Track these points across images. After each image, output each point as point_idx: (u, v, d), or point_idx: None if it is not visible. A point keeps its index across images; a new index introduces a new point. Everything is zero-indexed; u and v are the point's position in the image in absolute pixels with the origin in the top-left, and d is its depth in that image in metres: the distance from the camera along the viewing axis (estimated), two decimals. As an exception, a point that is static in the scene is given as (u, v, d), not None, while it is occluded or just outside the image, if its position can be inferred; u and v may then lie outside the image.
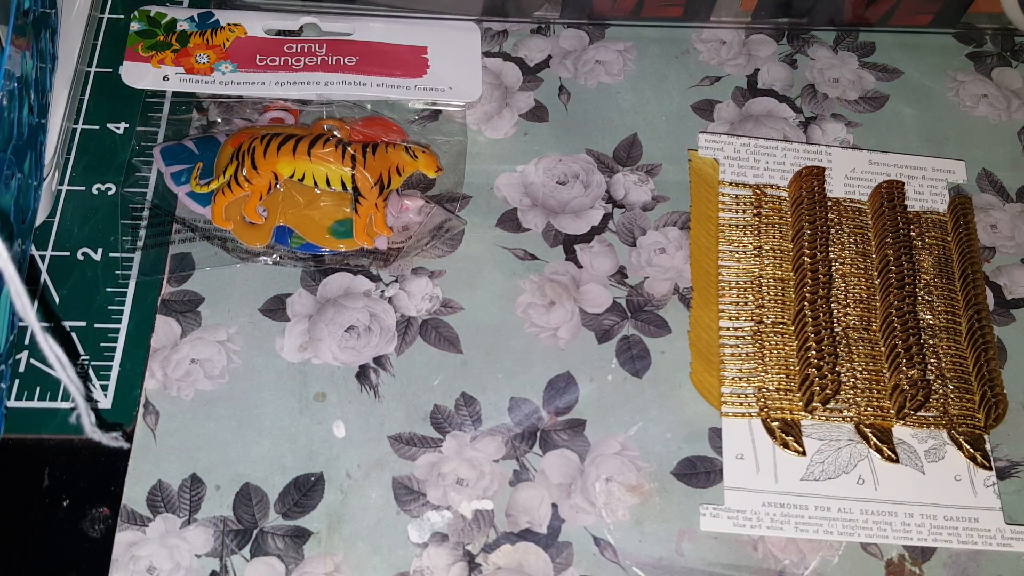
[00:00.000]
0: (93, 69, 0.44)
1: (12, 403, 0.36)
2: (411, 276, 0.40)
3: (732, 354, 0.38)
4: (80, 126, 0.42)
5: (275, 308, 0.39)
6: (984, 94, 0.46)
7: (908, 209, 0.41)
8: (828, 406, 0.37)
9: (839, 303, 0.39)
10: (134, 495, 0.35)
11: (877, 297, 0.39)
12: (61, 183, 0.41)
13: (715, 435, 0.37)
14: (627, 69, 0.46)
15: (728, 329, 0.39)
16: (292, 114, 0.42)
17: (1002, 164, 0.44)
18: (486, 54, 0.45)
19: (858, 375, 0.38)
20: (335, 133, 0.41)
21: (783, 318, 0.39)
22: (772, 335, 0.39)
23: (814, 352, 0.37)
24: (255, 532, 0.35)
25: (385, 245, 0.40)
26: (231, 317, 0.38)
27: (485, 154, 0.43)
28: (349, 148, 0.39)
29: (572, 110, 0.44)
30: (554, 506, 0.36)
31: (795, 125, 0.44)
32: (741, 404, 0.37)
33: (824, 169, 0.42)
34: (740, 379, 0.38)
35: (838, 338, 0.38)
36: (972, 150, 0.44)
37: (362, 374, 0.38)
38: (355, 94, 0.43)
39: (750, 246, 0.40)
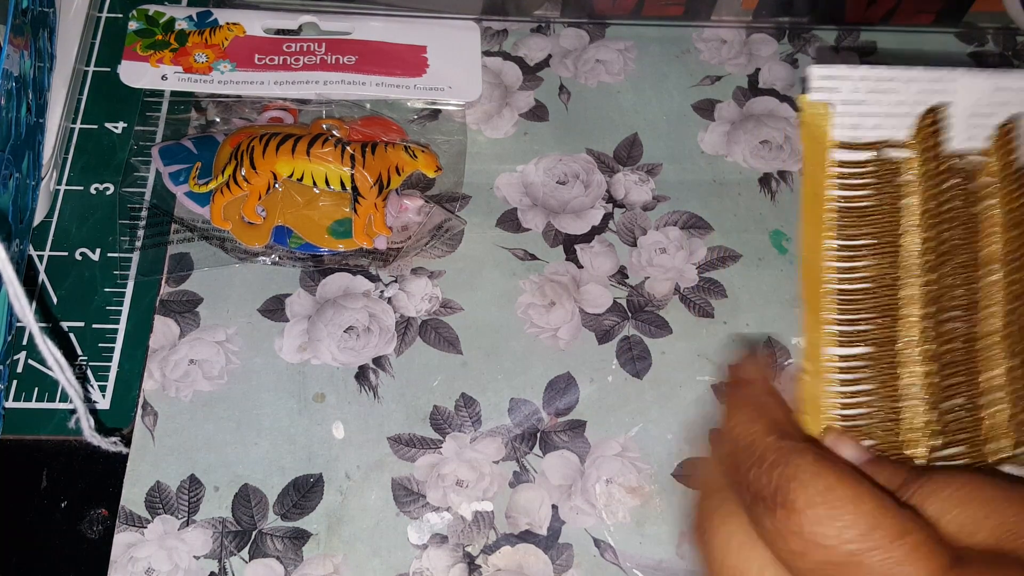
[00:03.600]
0: (91, 68, 0.44)
1: (10, 404, 0.36)
2: (410, 276, 0.39)
3: (853, 390, 0.26)
4: (78, 125, 0.42)
5: (274, 308, 0.39)
6: (986, 93, 0.46)
7: None
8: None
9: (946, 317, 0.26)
10: (132, 496, 0.35)
11: (979, 297, 0.27)
12: (59, 183, 0.41)
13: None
14: (627, 68, 0.45)
15: (850, 358, 0.26)
16: (291, 113, 0.42)
17: (1004, 164, 0.44)
18: (486, 53, 0.45)
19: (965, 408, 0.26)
20: (334, 132, 0.40)
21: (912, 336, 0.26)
22: (907, 360, 0.26)
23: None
24: (254, 533, 0.34)
25: (384, 245, 0.39)
26: (230, 317, 0.38)
27: (485, 154, 0.43)
28: (348, 148, 0.39)
29: (572, 110, 0.44)
30: (554, 507, 0.35)
31: (796, 125, 0.44)
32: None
33: (942, 119, 0.26)
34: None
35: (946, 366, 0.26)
36: (974, 150, 0.44)
37: (361, 375, 0.37)
38: (354, 93, 0.43)
39: (879, 237, 0.26)
